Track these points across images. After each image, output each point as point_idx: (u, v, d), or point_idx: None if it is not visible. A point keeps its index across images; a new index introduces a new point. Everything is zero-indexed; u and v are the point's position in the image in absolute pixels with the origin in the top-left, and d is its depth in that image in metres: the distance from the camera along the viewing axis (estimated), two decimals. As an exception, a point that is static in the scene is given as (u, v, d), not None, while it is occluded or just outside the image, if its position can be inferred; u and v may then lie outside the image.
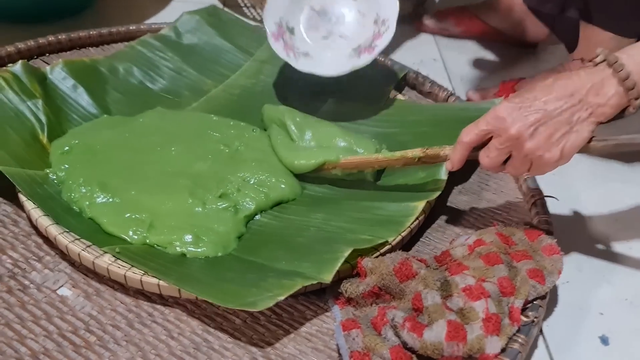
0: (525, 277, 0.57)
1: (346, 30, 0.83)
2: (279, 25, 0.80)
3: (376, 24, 0.80)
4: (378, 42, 0.79)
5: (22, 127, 0.72)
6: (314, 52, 0.82)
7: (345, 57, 0.81)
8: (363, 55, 0.80)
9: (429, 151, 0.66)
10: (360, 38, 0.82)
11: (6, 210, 0.66)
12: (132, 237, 0.62)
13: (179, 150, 0.74)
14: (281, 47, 0.79)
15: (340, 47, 0.82)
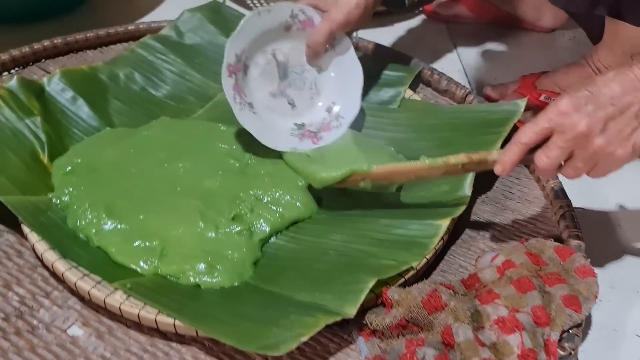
0: (561, 305, 0.54)
1: (297, 99, 0.73)
2: (238, 58, 0.68)
3: (329, 113, 0.74)
4: (324, 135, 0.72)
5: (21, 148, 0.68)
6: (258, 107, 0.71)
7: (286, 132, 0.72)
8: (305, 140, 0.71)
9: (474, 156, 0.59)
10: (307, 116, 0.73)
11: (9, 239, 0.63)
12: (143, 267, 0.59)
13: (187, 166, 0.70)
14: (231, 85, 0.67)
15: (283, 115, 0.72)
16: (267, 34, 0.69)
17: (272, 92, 0.72)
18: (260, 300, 0.56)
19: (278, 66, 0.72)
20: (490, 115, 0.75)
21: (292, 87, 0.73)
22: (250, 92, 0.70)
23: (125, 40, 0.93)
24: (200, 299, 0.56)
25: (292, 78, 0.73)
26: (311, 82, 0.74)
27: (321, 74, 0.74)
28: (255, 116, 0.70)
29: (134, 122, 0.78)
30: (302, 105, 0.73)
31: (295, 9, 0.69)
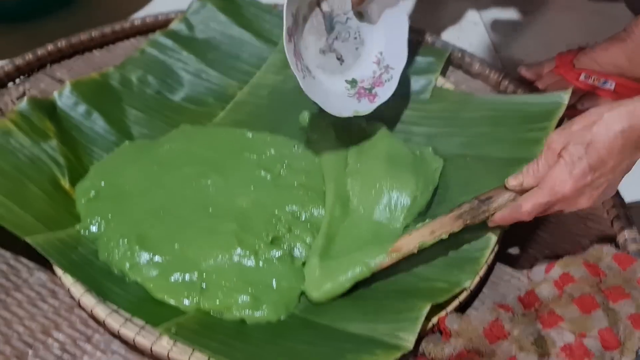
0: (630, 327, 0.51)
1: (343, 51, 0.68)
2: (295, 19, 0.63)
3: (378, 64, 0.69)
4: (379, 91, 0.68)
5: (41, 176, 0.64)
6: (314, 70, 0.66)
7: (342, 94, 0.67)
8: (363, 100, 0.67)
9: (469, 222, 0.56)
10: (356, 70, 0.69)
11: (41, 278, 0.60)
12: (185, 304, 0.57)
13: (216, 182, 0.66)
14: (292, 51, 0.62)
15: (333, 73, 0.67)
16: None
17: (322, 49, 0.66)
18: (311, 335, 0.54)
19: (324, 17, 0.66)
20: (532, 108, 0.70)
21: (338, 39, 0.67)
22: (304, 53, 0.65)
23: (133, 36, 0.87)
24: (248, 338, 0.54)
25: (338, 29, 0.67)
26: (355, 31, 0.68)
27: (364, 21, 0.69)
28: (314, 82, 0.64)
29: (153, 132, 0.74)
30: (349, 59, 0.68)
31: None
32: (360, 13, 0.68)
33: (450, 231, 0.56)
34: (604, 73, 0.77)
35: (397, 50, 0.69)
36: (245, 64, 0.83)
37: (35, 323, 0.57)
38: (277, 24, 0.87)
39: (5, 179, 0.62)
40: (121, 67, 0.78)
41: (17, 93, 0.78)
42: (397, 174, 0.64)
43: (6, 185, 0.61)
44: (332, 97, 0.65)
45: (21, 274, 0.60)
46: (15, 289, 0.59)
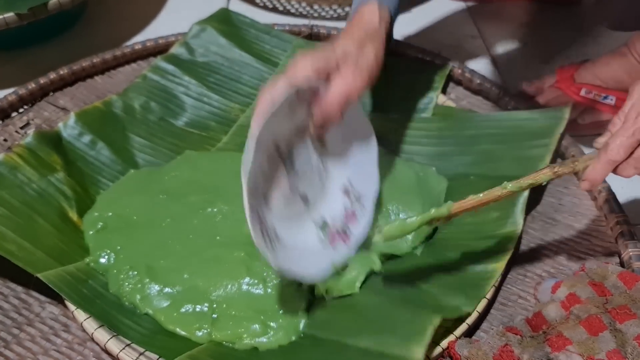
0: (638, 349, 0.52)
1: (308, 191, 0.57)
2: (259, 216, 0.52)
3: (347, 195, 0.60)
4: (352, 228, 0.59)
5: (49, 209, 0.65)
6: (281, 230, 0.54)
7: (318, 247, 0.57)
8: (338, 244, 0.59)
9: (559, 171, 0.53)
10: (324, 208, 0.59)
11: (53, 312, 0.61)
12: (197, 335, 0.57)
13: (223, 210, 0.67)
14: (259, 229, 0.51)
15: (301, 219, 0.57)
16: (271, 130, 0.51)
17: (285, 195, 0.55)
18: (322, 352, 0.54)
19: (282, 160, 0.55)
20: (533, 123, 0.71)
21: (301, 177, 0.57)
22: (265, 213, 0.53)
23: (134, 61, 0.88)
24: (261, 365, 0.55)
25: (299, 165, 0.56)
26: (317, 163, 0.58)
27: (327, 148, 0.59)
28: (286, 250, 0.54)
29: (157, 158, 0.75)
30: (315, 197, 0.58)
31: (299, 90, 0.51)
32: (321, 141, 0.59)
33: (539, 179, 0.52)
34: (604, 88, 0.77)
35: (366, 175, 0.61)
36: (246, 86, 0.84)
37: (49, 358, 0.57)
38: (277, 44, 0.88)
39: (15, 215, 0.62)
40: (124, 95, 0.79)
41: (21, 122, 0.79)
42: (403, 196, 0.65)
43: (16, 222, 0.62)
44: (305, 257, 0.56)
45: (33, 308, 0.61)
46: (28, 324, 0.60)
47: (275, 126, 0.51)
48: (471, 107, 0.81)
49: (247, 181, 0.48)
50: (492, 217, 0.64)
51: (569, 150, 0.72)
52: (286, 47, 0.87)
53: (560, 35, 0.94)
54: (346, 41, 0.54)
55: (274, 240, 0.53)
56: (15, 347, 0.58)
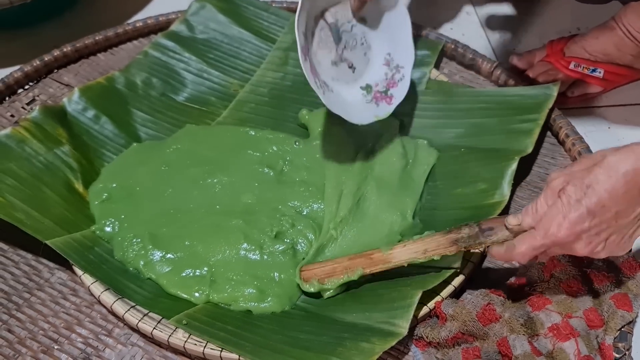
0: (613, 307, 0.55)
1: (354, 59, 0.69)
2: (305, 37, 0.63)
3: (388, 66, 0.70)
4: (394, 92, 0.70)
5: (56, 180, 0.68)
6: (330, 83, 0.67)
7: (360, 102, 0.69)
8: (380, 103, 0.69)
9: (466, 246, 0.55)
10: (368, 76, 0.70)
11: (61, 277, 0.64)
12: (196, 297, 0.60)
13: (222, 181, 0.70)
14: (308, 69, 0.62)
15: (348, 82, 0.69)
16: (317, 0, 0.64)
17: (334, 60, 0.67)
18: (313, 326, 0.58)
19: (330, 30, 0.67)
20: (524, 100, 0.73)
21: (347, 48, 0.68)
22: (318, 68, 0.65)
23: (135, 38, 0.90)
24: (254, 328, 0.58)
25: (345, 38, 0.68)
26: (361, 37, 0.69)
27: (368, 25, 0.70)
28: (333, 95, 0.65)
29: (159, 132, 0.77)
30: (360, 65, 0.70)
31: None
32: (363, 19, 0.69)
33: (443, 254, 0.55)
34: (592, 61, 0.79)
35: (404, 49, 0.71)
36: (245, 62, 0.86)
37: (59, 320, 0.61)
38: (275, 21, 0.90)
39: (24, 186, 0.65)
40: (126, 71, 0.81)
41: (27, 99, 0.82)
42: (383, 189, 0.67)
43: (25, 192, 0.65)
44: (351, 107, 0.67)
45: (43, 274, 0.64)
46: (38, 288, 0.63)
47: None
48: (464, 82, 0.83)
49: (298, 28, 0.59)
50: (480, 189, 0.66)
51: (556, 122, 0.75)
52: (284, 23, 0.89)
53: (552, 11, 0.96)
54: None
55: (324, 87, 0.64)
56: (27, 310, 0.61)
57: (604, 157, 0.47)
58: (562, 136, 0.74)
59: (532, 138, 0.68)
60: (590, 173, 0.47)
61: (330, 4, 0.66)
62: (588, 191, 0.47)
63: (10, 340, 0.59)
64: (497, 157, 0.68)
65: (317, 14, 0.65)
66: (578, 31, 0.89)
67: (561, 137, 0.74)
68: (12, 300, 0.62)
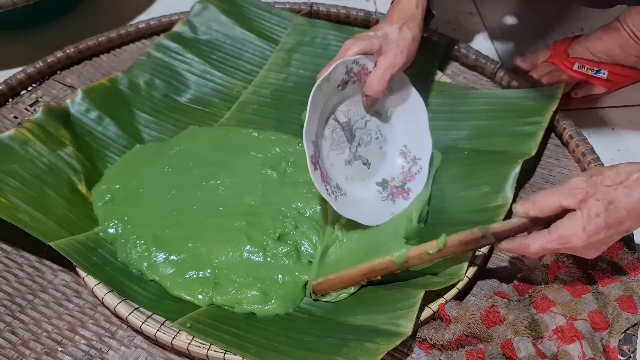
0: (618, 309, 0.55)
1: (369, 155, 0.66)
2: (315, 144, 0.60)
3: (404, 158, 0.68)
4: (411, 185, 0.67)
5: (59, 182, 0.68)
6: (343, 184, 0.64)
7: (376, 199, 0.65)
8: (397, 199, 0.66)
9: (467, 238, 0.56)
10: (384, 170, 0.67)
11: (65, 279, 0.64)
12: (199, 298, 0.60)
13: (226, 182, 0.70)
14: (319, 178, 0.60)
15: (363, 179, 0.66)
16: (328, 102, 0.62)
17: (347, 160, 0.65)
18: (316, 327, 0.58)
19: (343, 129, 0.64)
20: (527, 102, 0.73)
21: (361, 145, 0.66)
22: (331, 171, 0.63)
23: (138, 39, 0.90)
24: (258, 330, 0.58)
25: (359, 135, 0.66)
26: (376, 131, 0.67)
27: (382, 118, 0.67)
28: (347, 198, 0.63)
29: (162, 134, 0.78)
30: (375, 161, 0.67)
31: (349, 64, 0.62)
32: (377, 112, 0.67)
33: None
34: (597, 62, 0.79)
35: (421, 139, 0.68)
36: (247, 63, 0.86)
37: (62, 321, 0.61)
38: (277, 22, 0.90)
39: (27, 187, 0.65)
40: (129, 72, 0.81)
41: (30, 100, 0.82)
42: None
43: (28, 193, 0.65)
44: (366, 207, 0.64)
45: (46, 275, 0.64)
46: (42, 290, 0.63)
47: (329, 96, 0.62)
48: (467, 83, 0.83)
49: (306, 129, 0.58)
50: (483, 192, 0.66)
51: (560, 123, 0.74)
52: (286, 24, 0.89)
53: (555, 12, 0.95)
54: (386, 25, 0.65)
55: (336, 192, 0.62)
56: (30, 312, 0.61)
57: (629, 176, 0.49)
58: (565, 137, 0.74)
59: (536, 140, 0.68)
60: (614, 191, 0.49)
61: (340, 102, 0.64)
62: (610, 207, 0.49)
63: (13, 342, 0.59)
64: (501, 160, 0.68)
65: (327, 116, 0.63)
66: (582, 32, 0.89)
67: (565, 138, 0.74)
68: (16, 302, 0.62)
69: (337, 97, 0.63)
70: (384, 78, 0.62)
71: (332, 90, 0.62)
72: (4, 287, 0.63)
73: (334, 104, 0.63)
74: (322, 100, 0.61)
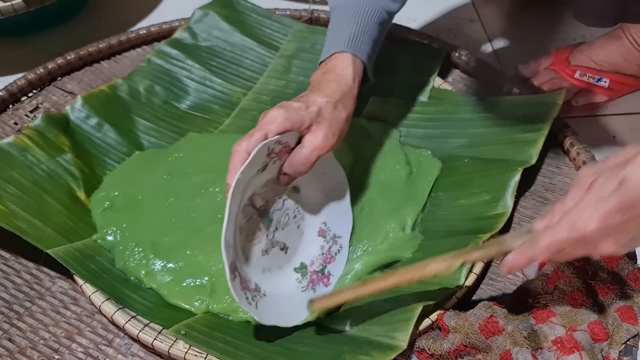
0: (618, 320, 0.54)
1: (286, 238, 0.60)
2: (234, 249, 0.54)
3: (323, 237, 0.62)
4: (331, 269, 0.62)
5: (58, 189, 0.68)
6: (261, 281, 0.57)
7: (297, 292, 0.60)
8: (317, 286, 0.61)
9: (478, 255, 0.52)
10: (302, 252, 0.62)
11: (62, 286, 0.64)
12: (196, 306, 0.60)
13: (224, 190, 0.69)
14: (238, 287, 0.53)
15: (281, 267, 0.60)
16: (246, 191, 0.55)
17: (264, 249, 0.59)
18: (311, 337, 0.57)
19: (260, 215, 0.58)
20: (528, 109, 0.72)
21: (279, 228, 0.60)
22: (247, 270, 0.56)
23: (139, 46, 0.90)
24: (254, 339, 0.57)
25: (277, 217, 0.60)
26: (293, 209, 0.61)
27: (301, 194, 0.62)
28: (267, 300, 0.56)
29: (162, 140, 0.77)
30: (293, 243, 0.61)
31: (271, 144, 0.54)
32: (295, 188, 0.61)
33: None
34: (598, 70, 0.79)
35: (341, 215, 0.63)
36: (248, 70, 0.86)
37: (60, 329, 0.60)
38: (278, 29, 0.90)
39: (25, 194, 0.65)
40: (129, 78, 0.81)
41: (31, 106, 0.82)
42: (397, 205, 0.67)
43: (26, 200, 0.65)
44: (286, 305, 0.58)
45: (44, 282, 0.64)
46: (39, 297, 0.63)
47: (248, 181, 0.54)
48: (467, 90, 0.83)
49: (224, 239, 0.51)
50: (483, 200, 0.66)
51: (561, 131, 0.74)
52: (287, 31, 0.89)
53: (557, 19, 0.95)
54: (321, 99, 0.57)
55: (256, 297, 0.55)
56: (28, 319, 0.61)
57: (638, 153, 0.44)
58: (566, 145, 0.74)
59: (537, 148, 0.68)
60: (623, 168, 0.44)
61: (258, 186, 0.57)
62: (621, 186, 0.43)
63: (10, 350, 0.59)
64: (501, 168, 0.67)
65: (244, 203, 0.56)
66: (584, 39, 0.89)
67: (566, 147, 0.74)
68: (13, 309, 0.62)
69: (255, 182, 0.56)
70: (310, 160, 0.55)
71: (251, 177, 0.55)
72: (1, 295, 0.63)
73: (251, 190, 0.56)
74: (242, 189, 0.54)
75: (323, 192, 0.63)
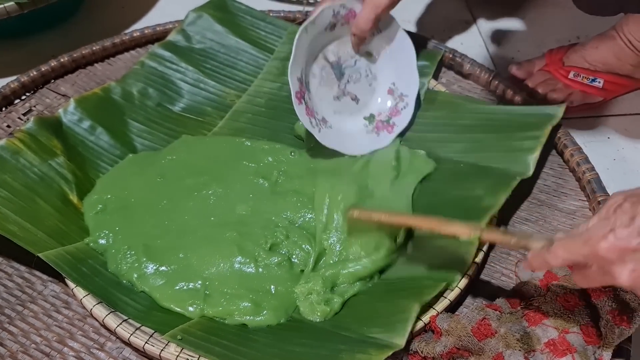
0: (610, 322, 0.54)
1: (358, 91, 0.73)
2: (300, 82, 0.68)
3: (392, 95, 0.74)
4: (396, 120, 0.73)
5: (50, 192, 0.68)
6: (330, 118, 0.71)
7: (362, 132, 0.73)
8: (382, 133, 0.73)
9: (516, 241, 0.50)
10: (372, 106, 0.74)
11: (54, 290, 0.64)
12: (190, 310, 0.60)
13: (217, 192, 0.69)
14: (303, 111, 0.68)
15: (352, 114, 0.73)
16: (316, 42, 0.68)
17: (336, 96, 0.72)
18: (309, 338, 0.57)
19: (332, 67, 0.71)
20: (526, 118, 0.71)
21: (350, 82, 0.72)
22: (318, 106, 0.70)
23: (133, 48, 0.90)
24: (250, 342, 0.57)
25: (349, 73, 0.72)
26: (365, 69, 0.73)
27: (372, 57, 0.73)
28: (332, 131, 0.70)
29: (155, 143, 0.77)
30: (364, 97, 0.73)
31: (335, 8, 0.67)
32: (367, 52, 0.73)
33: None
34: (592, 70, 0.78)
35: (408, 77, 0.73)
36: (242, 72, 0.85)
37: (51, 333, 0.60)
38: (272, 31, 0.89)
39: (18, 198, 0.65)
40: (122, 81, 0.81)
41: (24, 109, 0.82)
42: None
43: (18, 204, 0.64)
44: (350, 139, 0.71)
45: (36, 286, 0.64)
46: (31, 301, 0.63)
47: (317, 37, 0.68)
48: (462, 92, 0.83)
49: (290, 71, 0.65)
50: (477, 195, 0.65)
51: (561, 140, 0.74)
52: (281, 33, 0.88)
53: (553, 20, 0.95)
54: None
55: (320, 124, 0.69)
56: (19, 323, 0.61)
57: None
58: (560, 146, 0.73)
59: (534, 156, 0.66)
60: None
61: (329, 43, 0.70)
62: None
63: (2, 354, 0.58)
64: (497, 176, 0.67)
65: (316, 54, 0.69)
66: (578, 40, 0.89)
67: (559, 148, 0.74)
68: (5, 313, 0.62)
69: (325, 38, 0.69)
70: (369, 17, 0.67)
71: (319, 32, 0.67)
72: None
73: (323, 45, 0.69)
74: (309, 41, 0.67)
75: (391, 56, 0.73)
